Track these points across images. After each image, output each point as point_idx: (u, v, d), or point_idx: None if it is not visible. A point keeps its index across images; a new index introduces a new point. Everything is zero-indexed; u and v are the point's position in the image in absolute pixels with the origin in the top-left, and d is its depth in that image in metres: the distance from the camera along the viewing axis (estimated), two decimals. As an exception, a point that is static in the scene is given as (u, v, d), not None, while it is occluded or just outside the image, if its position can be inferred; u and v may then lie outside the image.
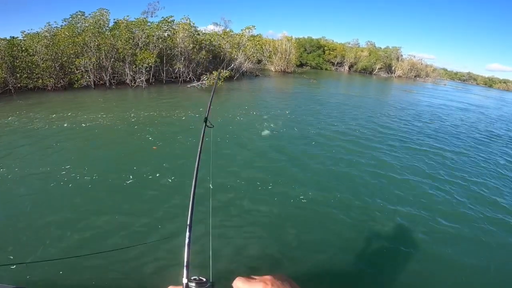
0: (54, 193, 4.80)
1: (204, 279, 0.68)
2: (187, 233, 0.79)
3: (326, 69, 41.08)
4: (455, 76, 72.12)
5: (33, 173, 5.38)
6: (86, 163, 5.82)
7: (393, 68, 44.08)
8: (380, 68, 43.20)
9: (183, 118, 9.86)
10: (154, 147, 6.85)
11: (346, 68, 42.61)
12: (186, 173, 5.62)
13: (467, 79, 71.30)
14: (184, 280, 0.66)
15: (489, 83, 67.42)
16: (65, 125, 8.33)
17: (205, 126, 1.31)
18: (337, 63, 42.60)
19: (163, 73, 16.77)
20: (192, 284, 0.66)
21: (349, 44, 46.68)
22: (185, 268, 0.69)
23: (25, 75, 12.86)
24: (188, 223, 0.81)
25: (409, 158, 7.73)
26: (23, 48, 13.24)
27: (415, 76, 45.91)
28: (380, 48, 47.90)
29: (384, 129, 10.72)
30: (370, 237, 4.34)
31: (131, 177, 5.32)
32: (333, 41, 46.03)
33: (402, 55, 45.79)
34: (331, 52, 41.97)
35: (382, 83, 33.00)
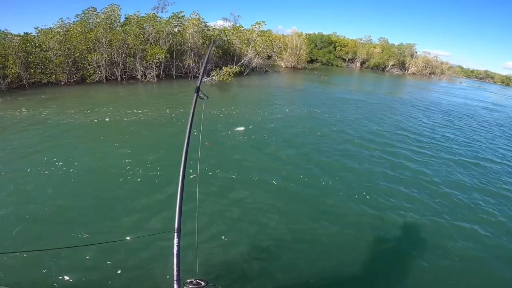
0: (125, 189, 4.74)
1: (203, 283, 0.59)
2: (175, 239, 0.56)
3: (337, 65, 40.25)
4: (471, 74, 69.44)
5: (97, 168, 5.38)
6: (145, 158, 5.84)
7: (406, 65, 42.79)
8: (393, 65, 42.03)
9: (221, 115, 9.85)
10: (207, 143, 6.87)
11: (358, 64, 41.66)
12: (244, 169, 5.67)
13: (484, 77, 68.52)
14: None
15: (507, 81, 64.73)
16: (107, 119, 8.41)
17: (196, 97, 1.09)
18: (349, 59, 41.66)
19: (173, 69, 16.76)
20: None
21: (361, 40, 45.55)
22: (175, 283, 0.55)
23: (39, 71, 13.05)
24: (176, 226, 0.58)
25: (444, 166, 7.17)
26: (37, 44, 13.44)
27: (429, 74, 44.46)
28: (394, 44, 46.55)
29: (414, 133, 10.08)
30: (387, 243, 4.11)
31: (191, 171, 5.28)
32: (344, 37, 45.07)
33: (416, 52, 44.41)
34: (342, 48, 41.08)
35: (396, 80, 32.08)
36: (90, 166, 5.40)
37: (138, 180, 5.01)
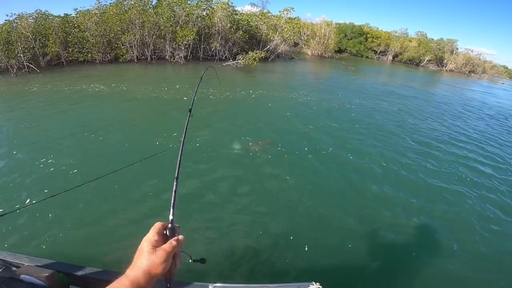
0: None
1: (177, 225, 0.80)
2: (175, 182, 0.94)
3: (367, 57, 38.29)
4: (516, 75, 62.94)
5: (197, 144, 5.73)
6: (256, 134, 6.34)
7: (445, 61, 39.57)
8: (429, 60, 39.02)
9: (289, 96, 10.41)
10: (311, 126, 7.35)
11: (390, 57, 39.22)
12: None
13: (530, 79, 61.62)
14: (171, 217, 0.81)
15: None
16: (185, 98, 8.87)
17: (189, 116, 1.37)
18: (380, 51, 39.39)
19: (200, 51, 17.02)
20: (176, 225, 0.79)
21: (396, 33, 42.66)
22: (171, 207, 0.84)
23: (77, 50, 13.90)
24: (176, 175, 0.98)
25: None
26: (75, 25, 14.23)
27: (469, 72, 40.85)
28: (433, 39, 43.14)
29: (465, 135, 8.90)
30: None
31: (310, 152, 5.69)
32: (377, 28, 42.64)
33: (457, 49, 40.77)
34: (374, 40, 38.87)
35: (432, 76, 29.64)
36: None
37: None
